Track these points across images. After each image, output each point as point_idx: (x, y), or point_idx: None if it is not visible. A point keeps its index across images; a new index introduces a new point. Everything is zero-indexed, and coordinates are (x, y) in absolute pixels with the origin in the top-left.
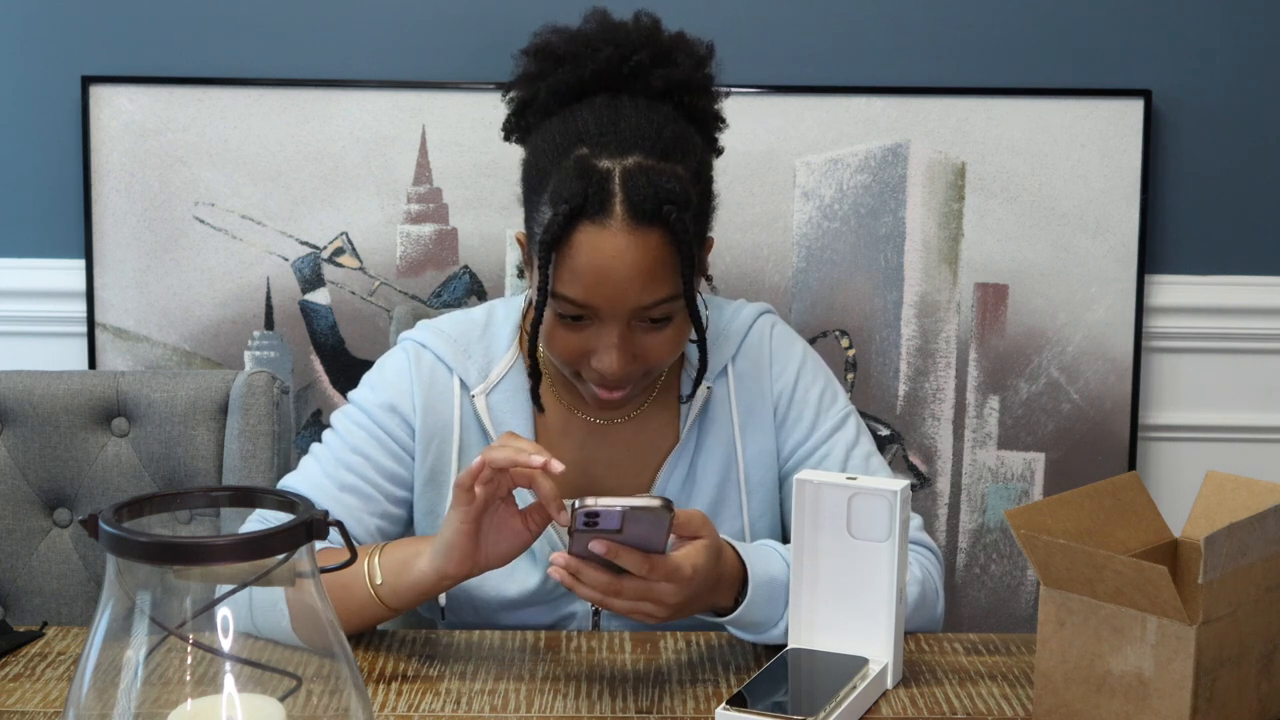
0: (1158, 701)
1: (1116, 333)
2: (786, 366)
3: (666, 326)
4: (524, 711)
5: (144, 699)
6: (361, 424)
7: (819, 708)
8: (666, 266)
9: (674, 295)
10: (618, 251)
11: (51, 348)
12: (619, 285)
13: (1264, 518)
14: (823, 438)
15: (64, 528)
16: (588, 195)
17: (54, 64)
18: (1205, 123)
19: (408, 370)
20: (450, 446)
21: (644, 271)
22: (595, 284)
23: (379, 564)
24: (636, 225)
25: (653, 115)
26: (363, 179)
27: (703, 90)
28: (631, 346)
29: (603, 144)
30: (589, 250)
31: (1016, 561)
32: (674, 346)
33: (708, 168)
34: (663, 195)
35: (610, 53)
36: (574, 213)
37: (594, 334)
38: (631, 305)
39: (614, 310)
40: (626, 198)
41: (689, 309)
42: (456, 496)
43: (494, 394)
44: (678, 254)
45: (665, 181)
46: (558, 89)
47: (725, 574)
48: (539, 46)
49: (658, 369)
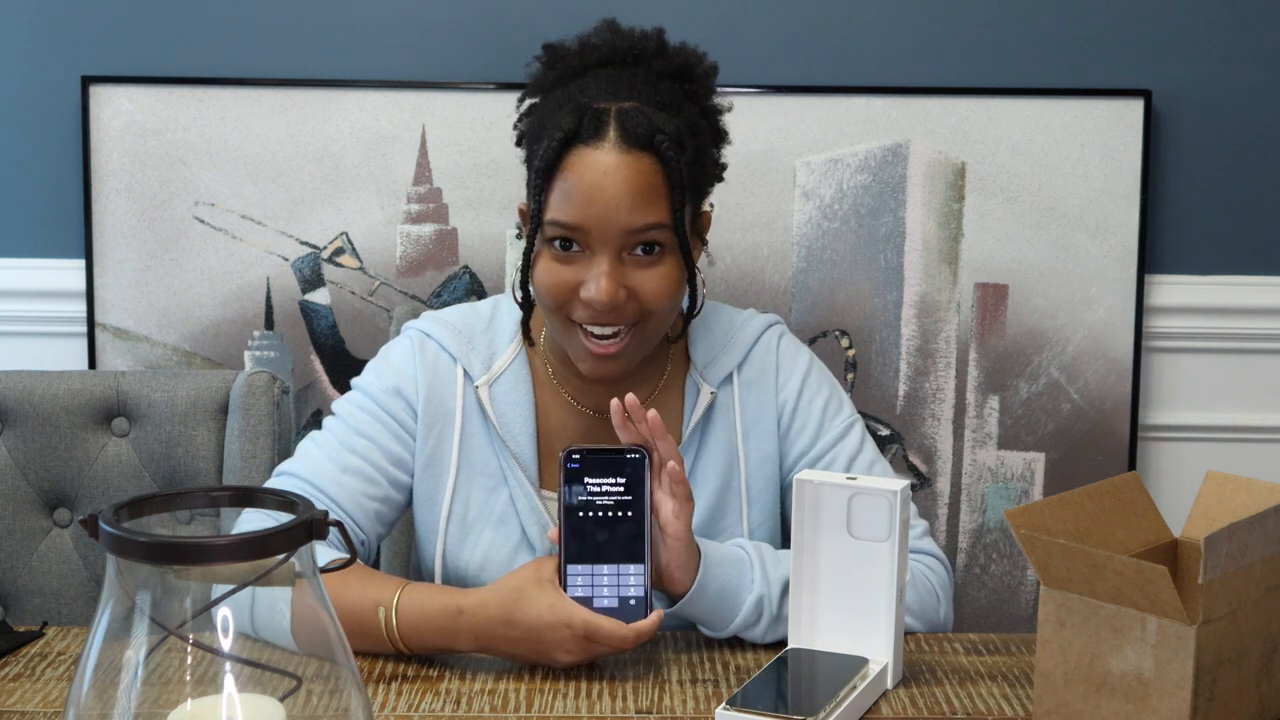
0: (1158, 701)
1: (1116, 333)
2: (792, 375)
3: (657, 264)
4: (524, 711)
5: (144, 699)
6: (365, 408)
7: (819, 708)
8: (657, 191)
9: (664, 222)
10: (608, 171)
11: (51, 348)
12: (609, 203)
13: (1264, 518)
14: (826, 446)
15: (64, 528)
16: (582, 123)
17: (54, 64)
18: (1205, 123)
19: (412, 356)
20: (451, 434)
21: (634, 191)
22: (586, 203)
23: (403, 643)
24: (628, 149)
25: (653, 82)
26: (363, 179)
27: (704, 86)
28: (621, 277)
29: (601, 94)
30: (581, 169)
31: (1016, 561)
32: (664, 284)
33: (703, 135)
34: (656, 126)
35: (617, 43)
36: (568, 138)
37: (585, 265)
38: (622, 225)
39: (604, 232)
40: (620, 125)
41: (681, 252)
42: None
43: (497, 385)
44: (668, 184)
45: (659, 120)
46: (564, 73)
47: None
48: (548, 46)
49: (649, 315)
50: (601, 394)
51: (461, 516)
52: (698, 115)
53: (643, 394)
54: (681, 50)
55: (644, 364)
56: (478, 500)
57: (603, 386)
